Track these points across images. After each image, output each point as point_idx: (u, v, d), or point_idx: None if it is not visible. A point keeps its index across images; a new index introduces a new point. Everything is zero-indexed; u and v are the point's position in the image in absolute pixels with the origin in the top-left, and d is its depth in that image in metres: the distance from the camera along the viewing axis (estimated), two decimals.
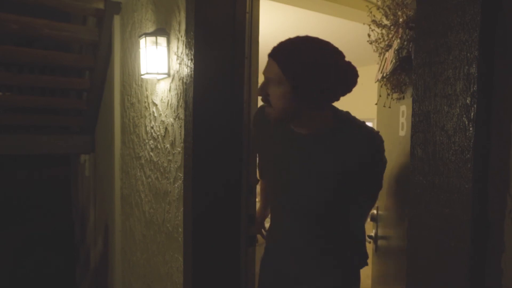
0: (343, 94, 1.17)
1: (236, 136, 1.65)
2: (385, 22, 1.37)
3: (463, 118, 0.65)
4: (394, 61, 1.23)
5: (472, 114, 0.64)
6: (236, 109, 1.64)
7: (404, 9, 1.22)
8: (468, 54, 0.64)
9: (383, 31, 1.39)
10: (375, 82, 1.53)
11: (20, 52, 2.83)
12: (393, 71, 1.27)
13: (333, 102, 1.21)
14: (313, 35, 1.18)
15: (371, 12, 1.40)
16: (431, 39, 0.71)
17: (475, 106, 0.64)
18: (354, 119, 1.25)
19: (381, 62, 1.42)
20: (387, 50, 1.37)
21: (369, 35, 1.46)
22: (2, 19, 2.56)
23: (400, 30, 1.21)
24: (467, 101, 0.65)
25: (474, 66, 0.64)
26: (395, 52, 1.22)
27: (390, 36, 1.34)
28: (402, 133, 1.37)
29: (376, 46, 1.46)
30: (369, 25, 1.44)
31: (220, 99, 1.61)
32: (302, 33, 1.21)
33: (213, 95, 1.59)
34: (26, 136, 3.17)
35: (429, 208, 0.72)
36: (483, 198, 0.66)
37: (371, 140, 1.20)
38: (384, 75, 1.35)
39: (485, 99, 0.64)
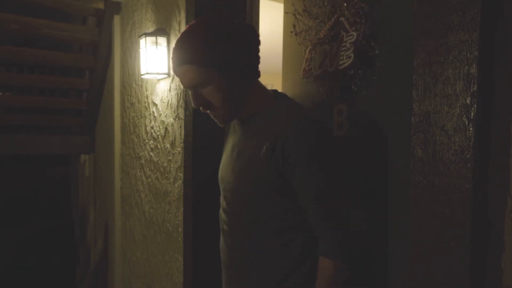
0: (257, 51, 1.07)
1: None
2: (315, 12, 1.29)
3: (463, 118, 0.65)
4: (353, 55, 1.13)
5: (472, 114, 0.64)
6: None
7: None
8: (468, 54, 0.64)
9: (311, 22, 1.30)
10: (303, 77, 1.37)
11: (20, 52, 2.83)
12: (349, 67, 1.16)
13: (257, 66, 1.09)
14: None
15: (303, 1, 1.33)
16: (431, 39, 0.71)
17: (475, 106, 0.64)
18: (290, 101, 1.12)
19: (315, 55, 1.30)
20: (323, 43, 1.27)
21: (294, 26, 1.38)
22: (2, 19, 2.56)
23: (354, 22, 1.14)
24: (467, 101, 0.65)
25: (474, 66, 0.64)
26: (354, 45, 1.13)
27: (322, 28, 1.26)
28: (339, 132, 1.25)
29: (302, 38, 1.35)
30: (295, 15, 1.36)
31: None
32: None
33: None
34: (26, 136, 3.16)
35: (429, 208, 0.72)
36: (483, 198, 0.66)
37: (292, 123, 1.00)
38: (331, 69, 1.22)
39: (485, 99, 0.64)
